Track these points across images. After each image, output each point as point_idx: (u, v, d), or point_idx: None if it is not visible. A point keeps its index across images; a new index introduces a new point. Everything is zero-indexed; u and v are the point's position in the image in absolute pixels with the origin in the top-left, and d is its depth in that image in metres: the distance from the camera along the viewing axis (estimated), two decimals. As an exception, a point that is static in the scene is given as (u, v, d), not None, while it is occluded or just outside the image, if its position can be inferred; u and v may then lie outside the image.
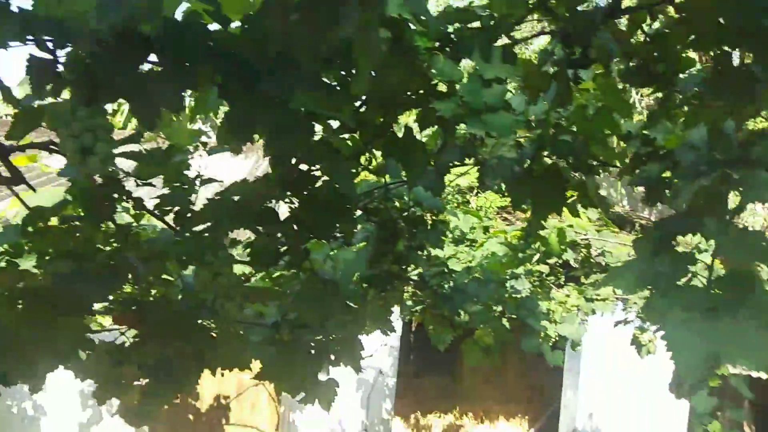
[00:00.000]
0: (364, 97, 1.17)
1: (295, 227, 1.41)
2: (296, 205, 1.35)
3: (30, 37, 0.79)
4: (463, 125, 1.20)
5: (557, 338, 3.35)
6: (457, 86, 1.08)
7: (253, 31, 0.78)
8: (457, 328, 3.07)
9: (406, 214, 1.93)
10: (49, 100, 0.85)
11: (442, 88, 1.14)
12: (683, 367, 0.89)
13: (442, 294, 2.21)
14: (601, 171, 1.68)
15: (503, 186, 1.56)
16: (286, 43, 0.73)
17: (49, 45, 0.81)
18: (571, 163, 1.59)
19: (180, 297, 1.44)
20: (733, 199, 1.17)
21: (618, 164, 1.71)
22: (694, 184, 1.06)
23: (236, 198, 1.24)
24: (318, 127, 1.10)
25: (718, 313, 0.97)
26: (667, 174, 1.43)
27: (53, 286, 1.11)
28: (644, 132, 1.57)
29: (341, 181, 1.11)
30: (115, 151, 0.88)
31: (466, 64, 1.21)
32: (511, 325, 3.20)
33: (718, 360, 0.90)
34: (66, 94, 0.83)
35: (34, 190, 1.27)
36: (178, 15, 0.86)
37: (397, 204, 1.78)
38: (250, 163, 6.36)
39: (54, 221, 1.33)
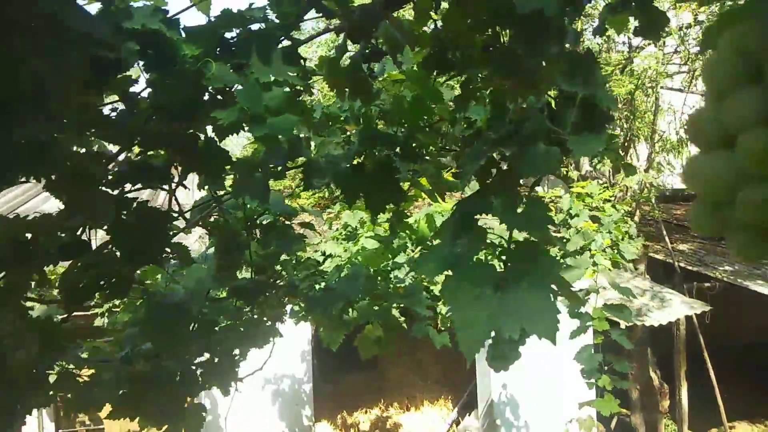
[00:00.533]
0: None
1: (117, 254, 1.34)
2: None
3: None
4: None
5: (449, 320, 3.42)
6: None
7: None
8: (347, 325, 3.08)
9: (258, 220, 1.90)
10: None
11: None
12: (465, 343, 0.91)
13: (312, 296, 2.19)
14: (431, 157, 1.71)
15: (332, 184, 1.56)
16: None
17: None
18: (399, 153, 1.61)
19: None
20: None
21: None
22: (475, 163, 1.09)
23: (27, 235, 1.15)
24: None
25: (506, 286, 1.00)
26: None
27: None
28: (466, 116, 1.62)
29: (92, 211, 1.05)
30: None
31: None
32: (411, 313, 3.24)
33: (500, 333, 0.93)
34: None
35: None
36: None
37: (240, 214, 1.74)
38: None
39: None
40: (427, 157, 1.71)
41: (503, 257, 1.11)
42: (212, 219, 1.71)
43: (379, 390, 7.56)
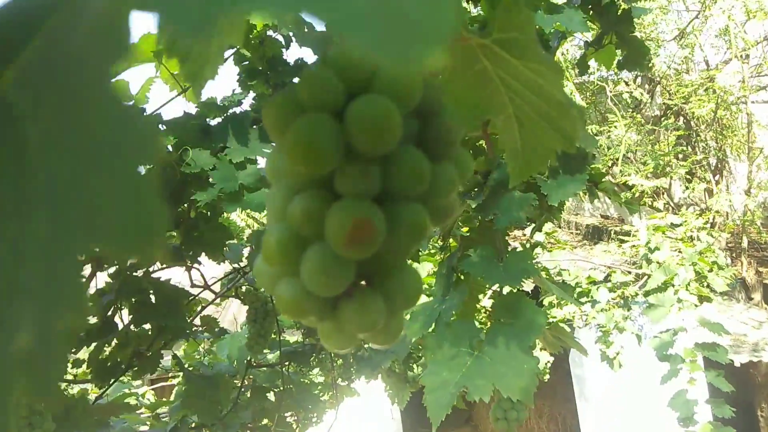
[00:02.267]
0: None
1: (147, 332, 1.43)
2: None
3: None
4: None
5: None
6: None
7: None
8: (414, 383, 3.03)
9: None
10: None
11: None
12: (432, 407, 0.88)
13: (360, 356, 2.19)
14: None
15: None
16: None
17: None
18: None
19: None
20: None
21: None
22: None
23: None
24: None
25: (483, 344, 0.96)
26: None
27: None
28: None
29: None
30: None
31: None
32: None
33: (470, 395, 0.89)
34: None
35: None
36: None
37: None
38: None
39: None
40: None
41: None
42: (244, 288, 1.78)
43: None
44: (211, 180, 1.09)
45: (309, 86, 0.23)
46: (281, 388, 2.12)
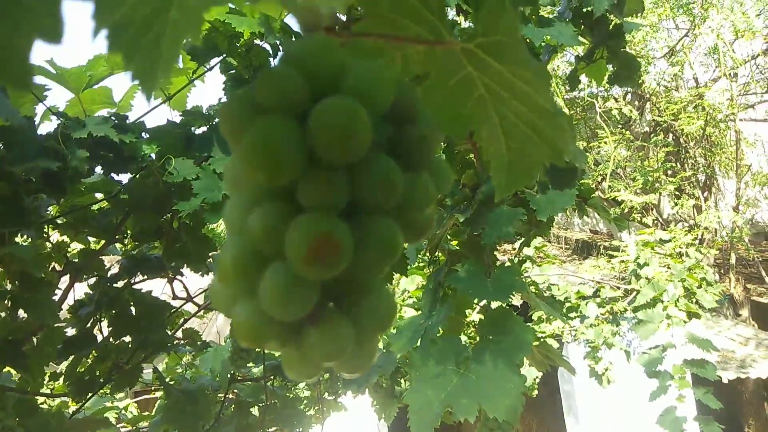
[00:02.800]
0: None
1: (128, 344, 1.39)
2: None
3: None
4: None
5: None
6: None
7: None
8: (401, 398, 2.99)
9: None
10: None
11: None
12: (417, 428, 0.85)
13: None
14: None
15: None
16: None
17: None
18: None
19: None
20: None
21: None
22: (435, 229, 1.05)
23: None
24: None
25: (469, 362, 0.94)
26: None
27: None
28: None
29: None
30: None
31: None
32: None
33: (454, 415, 0.87)
34: None
35: None
36: None
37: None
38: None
39: None
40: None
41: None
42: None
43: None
44: (194, 190, 1.06)
45: (268, 86, 0.20)
46: (265, 403, 2.08)
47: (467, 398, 0.88)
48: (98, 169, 1.05)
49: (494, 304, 1.04)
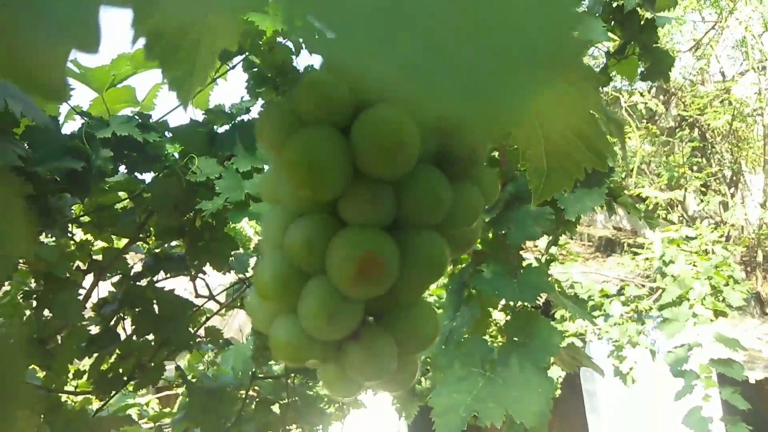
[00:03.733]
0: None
1: (151, 342, 1.40)
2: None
3: None
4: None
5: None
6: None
7: None
8: (422, 396, 2.97)
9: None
10: None
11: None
12: (442, 429, 0.84)
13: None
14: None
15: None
16: None
17: None
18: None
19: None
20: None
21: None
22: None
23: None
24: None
25: (495, 365, 0.92)
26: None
27: None
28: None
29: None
30: None
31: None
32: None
33: (480, 419, 0.85)
34: None
35: None
36: None
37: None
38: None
39: None
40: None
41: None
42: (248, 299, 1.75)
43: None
44: (217, 189, 1.05)
45: (310, 94, 0.19)
46: (286, 401, 2.08)
47: (494, 402, 0.86)
48: (122, 168, 1.05)
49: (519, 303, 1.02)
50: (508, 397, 0.87)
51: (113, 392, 1.34)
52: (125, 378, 1.36)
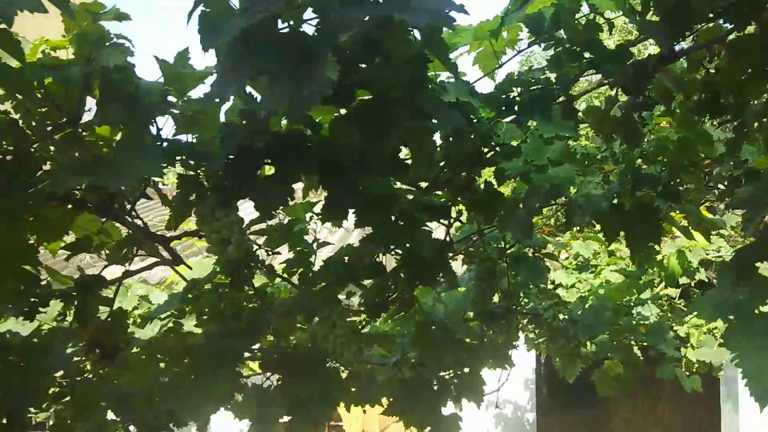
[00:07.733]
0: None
1: (401, 276, 1.61)
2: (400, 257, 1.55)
3: (177, 159, 1.08)
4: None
5: (697, 363, 3.19)
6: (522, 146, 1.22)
7: (334, 136, 1.01)
8: (585, 358, 3.06)
9: (510, 251, 2.05)
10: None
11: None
12: (757, 392, 0.94)
13: (556, 326, 2.27)
14: (693, 197, 1.70)
15: (594, 222, 1.65)
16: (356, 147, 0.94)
17: (191, 164, 1.09)
18: (660, 192, 1.64)
19: (310, 345, 1.68)
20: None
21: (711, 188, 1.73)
22: (760, 209, 1.10)
23: (346, 258, 1.46)
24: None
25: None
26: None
27: (207, 343, 1.39)
28: (735, 156, 1.59)
29: (419, 247, 1.28)
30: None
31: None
32: (650, 353, 3.13)
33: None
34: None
35: (189, 267, 1.58)
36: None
37: (496, 245, 1.91)
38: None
39: (207, 287, 1.63)
40: (690, 197, 1.71)
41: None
42: (471, 249, 1.91)
43: (604, 429, 7.17)
44: (522, 152, 1.20)
45: None
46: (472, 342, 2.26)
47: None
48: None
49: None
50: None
51: (379, 315, 1.57)
52: (387, 305, 1.58)
